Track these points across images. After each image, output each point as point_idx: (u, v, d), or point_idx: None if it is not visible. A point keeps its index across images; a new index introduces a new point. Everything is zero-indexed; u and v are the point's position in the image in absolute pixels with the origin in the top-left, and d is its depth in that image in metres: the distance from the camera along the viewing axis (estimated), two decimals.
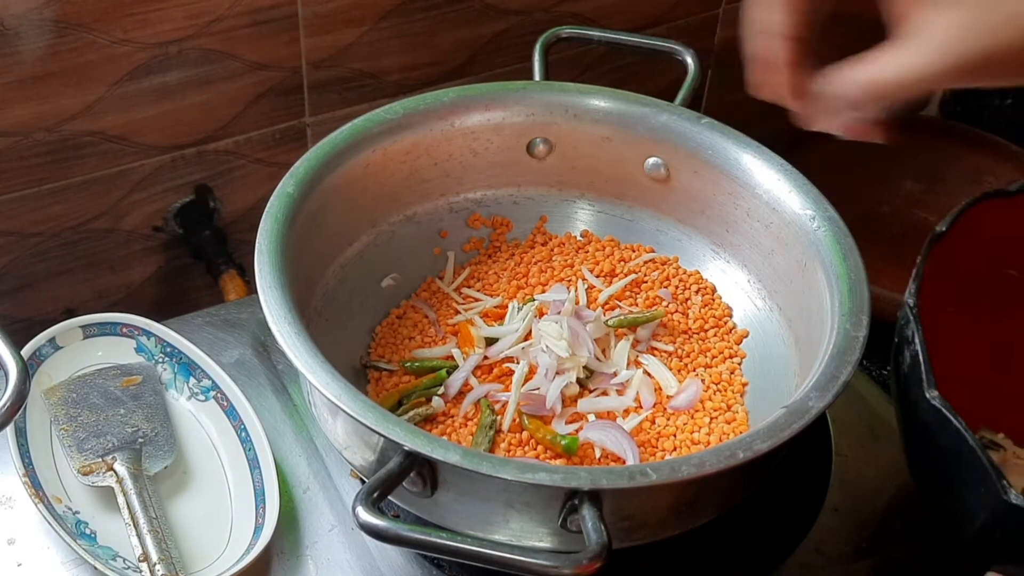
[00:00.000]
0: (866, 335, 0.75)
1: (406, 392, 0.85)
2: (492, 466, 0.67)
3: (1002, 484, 0.71)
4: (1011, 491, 0.71)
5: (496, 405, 0.83)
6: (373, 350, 0.89)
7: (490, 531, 0.72)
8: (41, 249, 1.05)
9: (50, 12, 0.92)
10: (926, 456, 0.80)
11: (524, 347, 0.86)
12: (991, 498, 0.72)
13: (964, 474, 0.74)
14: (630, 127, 0.93)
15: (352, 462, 0.77)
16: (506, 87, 0.94)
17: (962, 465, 0.74)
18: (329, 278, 0.88)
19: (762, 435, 0.69)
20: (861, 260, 0.81)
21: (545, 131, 0.94)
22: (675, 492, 0.72)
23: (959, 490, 0.76)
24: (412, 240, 0.94)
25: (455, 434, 0.82)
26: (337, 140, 0.87)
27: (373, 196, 0.91)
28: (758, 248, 0.90)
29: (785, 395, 0.80)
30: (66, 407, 0.86)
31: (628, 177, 0.95)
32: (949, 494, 0.79)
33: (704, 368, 0.88)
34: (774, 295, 0.89)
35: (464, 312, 0.92)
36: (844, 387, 0.72)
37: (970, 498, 0.75)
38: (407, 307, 0.92)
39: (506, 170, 0.96)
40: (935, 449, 0.77)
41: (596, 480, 0.66)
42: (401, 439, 0.68)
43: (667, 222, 0.96)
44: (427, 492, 0.71)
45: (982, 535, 0.76)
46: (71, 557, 0.81)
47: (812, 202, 0.85)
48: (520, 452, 0.81)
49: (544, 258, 0.96)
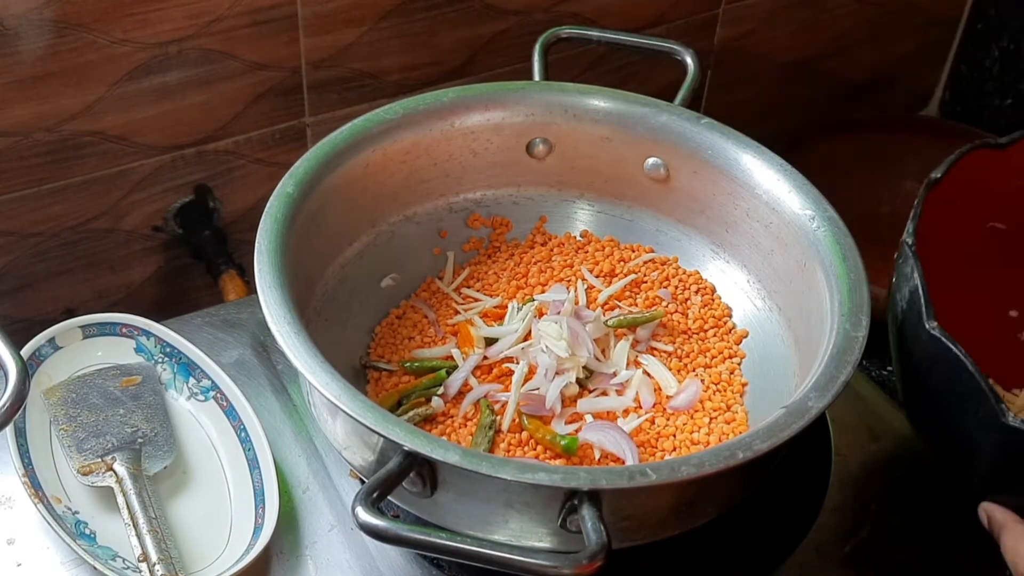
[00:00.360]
0: (865, 335, 0.75)
1: (405, 392, 0.85)
2: (492, 466, 0.67)
3: (1000, 407, 0.72)
4: (1009, 413, 0.72)
5: (496, 405, 0.83)
6: (372, 350, 0.89)
7: (490, 531, 0.72)
8: (41, 249, 1.05)
9: (50, 12, 0.92)
10: (925, 392, 0.81)
11: (524, 347, 0.86)
12: (990, 423, 0.73)
13: (964, 403, 0.75)
14: (630, 127, 0.93)
15: (352, 462, 0.77)
16: (506, 87, 0.94)
17: (962, 393, 0.75)
18: (329, 278, 0.88)
19: (762, 435, 0.69)
20: (861, 260, 0.81)
21: (545, 131, 0.94)
22: (675, 492, 0.72)
23: (958, 421, 0.77)
24: (412, 240, 0.94)
25: (455, 434, 0.82)
26: (337, 140, 0.87)
27: (373, 196, 0.91)
28: (758, 248, 0.90)
29: (785, 395, 0.80)
30: (66, 407, 0.86)
31: (628, 177, 0.95)
32: (948, 428, 0.79)
33: (704, 368, 0.88)
34: (774, 295, 0.89)
35: (464, 312, 0.92)
36: (843, 387, 0.72)
37: (969, 426, 0.76)
38: (407, 307, 0.92)
39: (506, 170, 0.96)
40: (935, 381, 0.78)
41: (596, 480, 0.66)
42: (401, 439, 0.68)
43: (667, 222, 0.96)
44: (427, 492, 0.71)
45: (981, 467, 0.77)
46: (71, 557, 0.81)
47: (812, 202, 0.85)
48: (520, 452, 0.81)
49: (544, 258, 0.96)
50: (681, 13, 1.24)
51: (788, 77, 1.39)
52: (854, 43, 1.40)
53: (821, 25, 1.36)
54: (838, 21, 1.37)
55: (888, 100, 1.50)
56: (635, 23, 1.21)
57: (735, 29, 1.29)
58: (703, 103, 1.33)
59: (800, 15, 1.34)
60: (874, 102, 1.48)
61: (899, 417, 0.94)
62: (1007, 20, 1.39)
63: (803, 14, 1.34)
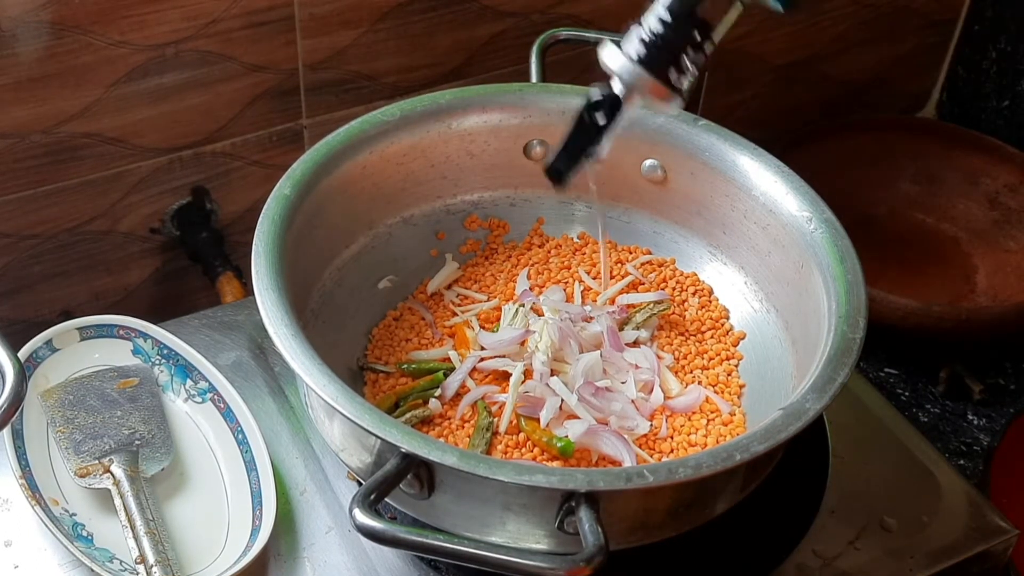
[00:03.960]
0: (863, 337, 0.75)
1: (403, 394, 0.85)
2: (489, 468, 0.67)
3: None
4: None
5: (493, 407, 0.83)
6: (370, 352, 0.89)
7: (487, 533, 0.72)
8: (38, 251, 1.05)
9: (47, 14, 0.92)
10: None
11: (519, 350, 0.86)
12: None
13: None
14: (627, 129, 0.93)
15: (349, 464, 0.77)
16: (503, 89, 0.94)
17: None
18: (326, 280, 0.88)
19: (759, 437, 0.69)
20: (859, 262, 0.81)
21: (542, 133, 0.94)
22: (673, 494, 0.72)
23: None
24: (409, 242, 0.94)
25: (452, 436, 0.82)
26: (333, 142, 0.87)
27: (370, 198, 0.91)
28: (755, 249, 0.90)
29: (782, 397, 0.80)
30: (63, 409, 0.86)
31: (625, 179, 0.95)
32: None
33: (702, 370, 0.88)
34: (771, 297, 0.89)
35: (461, 314, 0.91)
36: (841, 389, 0.72)
37: None
38: (404, 309, 0.92)
39: (503, 172, 0.96)
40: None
41: (593, 482, 0.66)
42: (398, 441, 0.67)
43: (664, 224, 0.96)
44: (424, 494, 0.71)
45: None
46: (68, 559, 0.81)
47: (809, 204, 0.85)
48: (517, 454, 0.81)
49: (541, 260, 0.96)
50: None
51: (785, 79, 1.39)
52: (851, 45, 1.41)
53: (818, 27, 1.37)
54: (835, 23, 1.38)
55: (885, 102, 1.50)
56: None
57: (732, 31, 1.29)
58: (700, 105, 1.33)
59: (798, 16, 1.34)
60: (871, 104, 1.48)
61: (896, 418, 0.94)
62: (1004, 22, 1.40)
63: (801, 15, 1.34)
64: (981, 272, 1.24)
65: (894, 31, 1.43)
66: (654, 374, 0.86)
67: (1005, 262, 1.23)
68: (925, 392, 1.06)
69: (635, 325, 0.90)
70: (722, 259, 0.93)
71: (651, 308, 0.91)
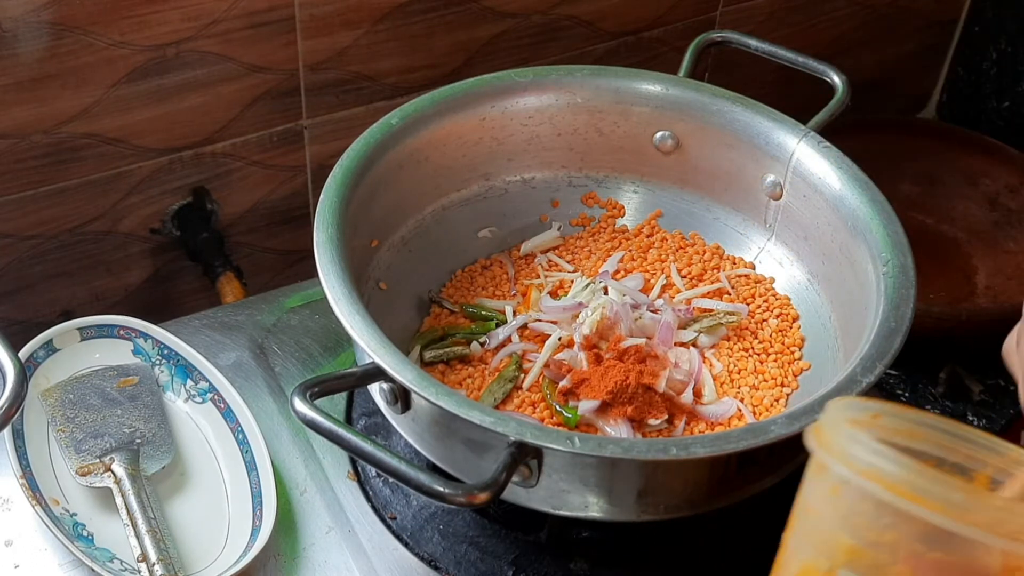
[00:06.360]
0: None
1: (451, 330, 0.88)
2: (436, 393, 0.70)
3: None
4: None
5: (526, 363, 0.86)
6: (445, 288, 0.93)
7: (444, 460, 0.76)
8: (38, 251, 1.05)
9: (47, 14, 0.92)
10: None
11: (570, 319, 0.88)
12: None
13: None
14: (757, 145, 0.93)
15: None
16: (642, 75, 0.95)
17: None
18: (426, 214, 0.92)
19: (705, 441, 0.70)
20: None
21: (673, 126, 0.95)
22: (605, 471, 0.73)
23: None
24: (522, 202, 0.97)
25: (480, 378, 0.85)
26: (450, 91, 0.91)
27: (489, 150, 0.94)
28: (843, 286, 0.87)
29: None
30: (63, 408, 0.86)
31: (749, 191, 0.94)
32: None
33: (749, 388, 0.86)
34: (845, 337, 0.85)
35: (545, 279, 0.93)
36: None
37: None
38: (494, 260, 0.95)
39: (630, 156, 0.97)
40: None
41: (521, 432, 0.68)
42: (371, 352, 0.71)
43: (774, 243, 0.94)
44: (399, 409, 0.75)
45: None
46: (69, 559, 0.81)
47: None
48: (529, 411, 0.83)
49: (641, 248, 0.96)
50: (679, 15, 1.24)
51: (785, 79, 1.39)
52: (851, 46, 1.41)
53: (818, 28, 1.37)
54: (835, 24, 1.38)
55: (885, 103, 1.50)
56: (633, 25, 1.21)
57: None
58: None
59: (797, 18, 1.34)
60: (871, 105, 1.48)
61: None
62: (1004, 23, 1.40)
63: (800, 16, 1.34)
64: (981, 273, 1.23)
65: (894, 32, 1.43)
66: (690, 377, 0.85)
67: (1005, 263, 1.23)
68: (925, 393, 1.05)
69: (699, 328, 0.89)
70: (816, 289, 0.91)
71: (720, 317, 0.90)
